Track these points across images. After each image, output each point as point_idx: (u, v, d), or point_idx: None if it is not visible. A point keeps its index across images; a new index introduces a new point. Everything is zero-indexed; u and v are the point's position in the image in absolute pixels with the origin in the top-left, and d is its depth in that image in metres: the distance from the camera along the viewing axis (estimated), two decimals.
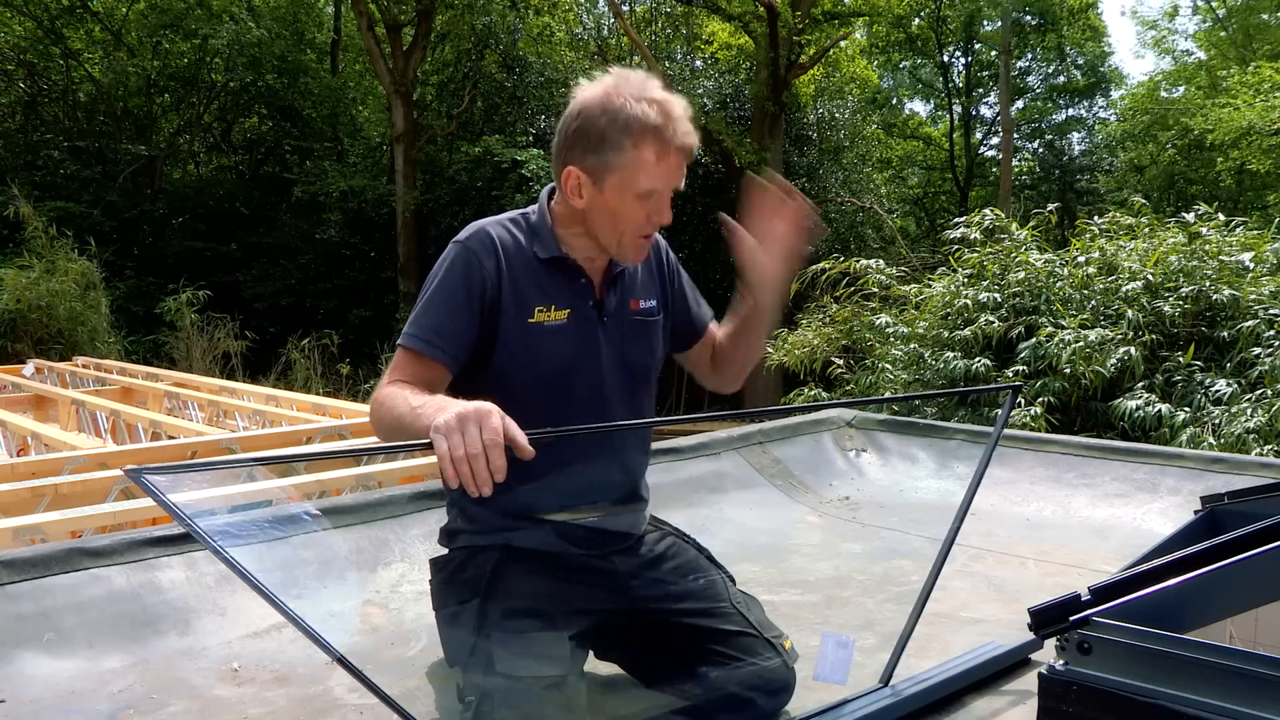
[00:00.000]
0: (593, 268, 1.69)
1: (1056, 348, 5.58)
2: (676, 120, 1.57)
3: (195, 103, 17.96)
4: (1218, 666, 1.18)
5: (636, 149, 1.55)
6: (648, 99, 1.56)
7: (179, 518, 1.06)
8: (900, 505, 3.33)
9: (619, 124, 1.54)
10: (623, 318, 1.72)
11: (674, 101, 1.58)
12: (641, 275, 1.77)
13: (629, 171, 1.56)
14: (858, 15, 17.09)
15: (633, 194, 1.57)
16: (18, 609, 1.95)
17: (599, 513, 1.69)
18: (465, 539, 1.69)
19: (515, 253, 1.64)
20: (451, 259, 1.63)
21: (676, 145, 1.57)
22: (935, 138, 26.69)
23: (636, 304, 1.74)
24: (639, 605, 1.69)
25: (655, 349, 1.78)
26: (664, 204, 1.61)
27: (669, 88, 1.62)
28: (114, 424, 5.24)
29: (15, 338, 11.34)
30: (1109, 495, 3.21)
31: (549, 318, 1.63)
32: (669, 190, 1.61)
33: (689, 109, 1.62)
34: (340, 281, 17.19)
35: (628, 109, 1.55)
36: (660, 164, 1.56)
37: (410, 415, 1.40)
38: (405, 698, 1.80)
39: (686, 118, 1.59)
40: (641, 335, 1.75)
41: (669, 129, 1.55)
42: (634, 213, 1.59)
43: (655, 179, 1.57)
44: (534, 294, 1.63)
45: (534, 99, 17.31)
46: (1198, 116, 16.82)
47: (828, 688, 1.68)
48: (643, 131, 1.54)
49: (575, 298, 1.66)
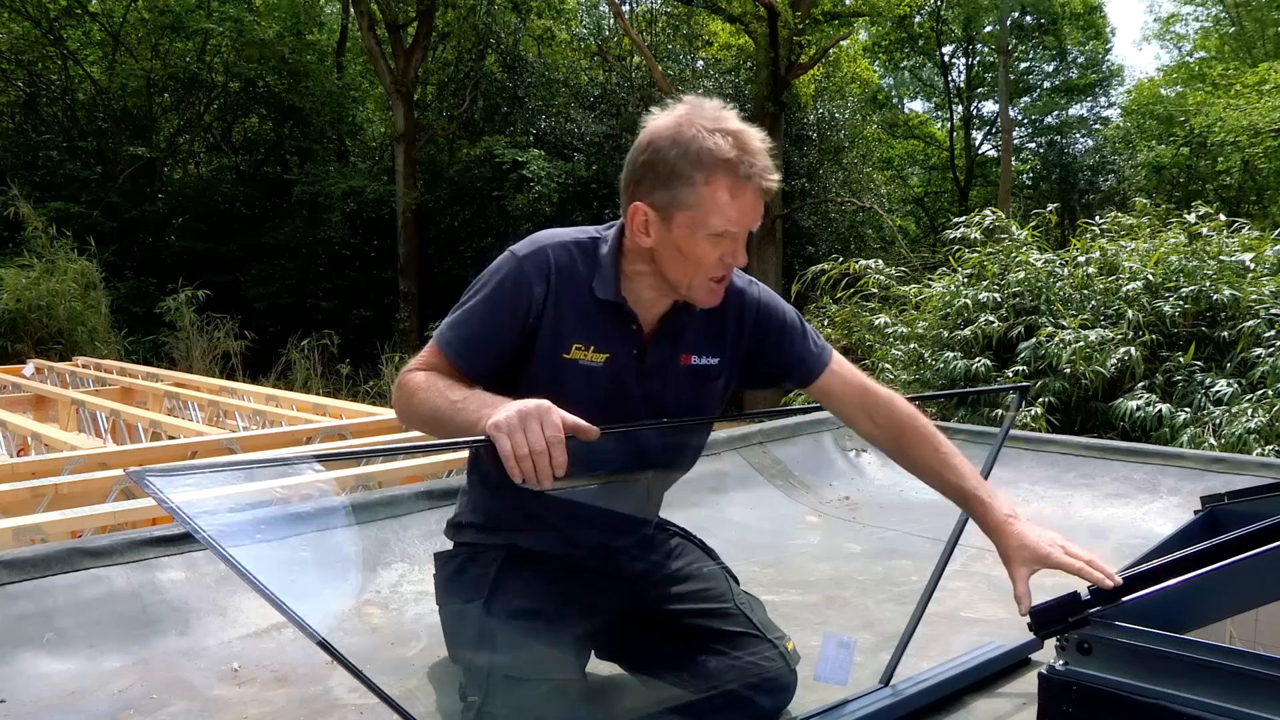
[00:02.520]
0: (649, 314, 1.59)
1: (1057, 348, 5.58)
2: (754, 155, 1.44)
3: (195, 103, 17.94)
4: (1218, 666, 1.18)
5: (709, 185, 1.43)
6: (723, 130, 1.44)
7: (180, 518, 1.06)
8: (900, 505, 3.33)
9: (690, 157, 1.43)
10: (667, 371, 1.61)
11: (751, 134, 1.46)
12: (706, 329, 1.64)
13: (700, 210, 1.44)
14: (858, 15, 17.05)
15: (704, 233, 1.46)
16: (18, 609, 1.96)
17: (609, 503, 1.67)
18: (472, 534, 1.69)
19: (570, 282, 1.54)
20: (505, 273, 1.54)
21: (754, 184, 1.45)
22: (936, 137, 26.69)
23: (688, 359, 1.63)
24: (644, 606, 1.69)
25: (703, 405, 1.67)
26: (739, 245, 1.50)
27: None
28: (114, 424, 5.24)
29: (15, 338, 11.34)
30: (1109, 495, 3.22)
31: (585, 357, 1.55)
32: (744, 231, 1.48)
33: (768, 141, 1.49)
34: (340, 281, 17.19)
35: (700, 140, 1.43)
36: (735, 203, 1.44)
37: (450, 409, 1.39)
38: (405, 698, 1.80)
39: (765, 151, 1.46)
40: (687, 389, 1.64)
41: (745, 164, 1.43)
42: (705, 254, 1.48)
43: (729, 218, 1.45)
44: (576, 330, 1.54)
45: (535, 99, 17.31)
46: (1199, 115, 16.83)
47: (828, 688, 1.68)
48: (715, 166, 1.42)
49: (620, 343, 1.57)
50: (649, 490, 1.74)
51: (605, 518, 1.66)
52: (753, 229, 1.50)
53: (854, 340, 7.63)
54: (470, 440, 1.35)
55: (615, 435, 1.48)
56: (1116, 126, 23.74)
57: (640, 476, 1.67)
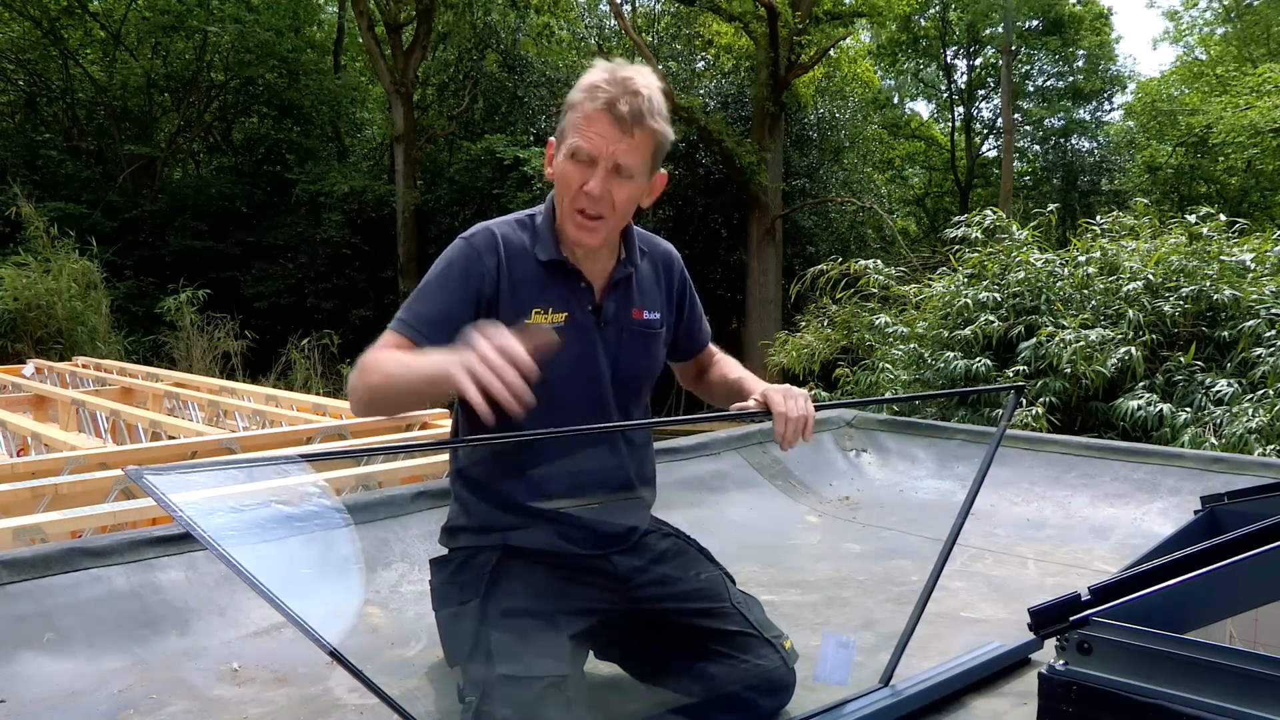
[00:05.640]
0: (594, 270, 1.68)
1: (1057, 348, 5.58)
2: (618, 83, 1.53)
3: (195, 102, 17.96)
4: (1218, 666, 1.18)
5: (575, 109, 1.56)
6: (610, 69, 1.55)
7: (180, 518, 1.06)
8: (900, 505, 3.33)
9: (576, 89, 1.57)
10: (622, 324, 1.70)
11: (635, 78, 1.55)
12: (648, 286, 1.76)
13: (568, 130, 1.57)
14: (858, 15, 17.05)
15: (565, 151, 1.57)
16: (18, 609, 1.95)
17: (598, 500, 1.69)
18: (466, 538, 1.69)
19: (518, 253, 1.64)
20: (453, 253, 1.64)
21: (604, 104, 1.52)
22: (937, 138, 26.68)
23: (639, 313, 1.73)
24: (639, 605, 1.69)
25: (654, 359, 1.78)
26: (598, 176, 1.55)
27: (666, 83, 1.61)
28: (114, 424, 5.24)
29: (15, 338, 11.34)
30: (1109, 495, 3.21)
31: (546, 319, 1.62)
32: (601, 158, 1.54)
33: (657, 91, 1.57)
34: (340, 281, 17.20)
35: (587, 76, 1.56)
36: (587, 123, 1.54)
37: (401, 367, 1.45)
38: (405, 698, 1.80)
39: (642, 93, 1.54)
40: (640, 344, 1.73)
41: (603, 90, 1.52)
42: (567, 173, 1.57)
43: (582, 136, 1.54)
44: (532, 296, 1.62)
45: (535, 98, 17.31)
46: (1199, 115, 16.84)
47: (828, 688, 1.68)
48: (582, 89, 1.55)
49: (573, 301, 1.65)
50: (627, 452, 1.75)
51: (596, 510, 1.67)
52: (618, 163, 1.54)
53: (854, 340, 7.63)
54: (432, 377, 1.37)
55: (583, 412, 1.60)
56: (1120, 128, 23.74)
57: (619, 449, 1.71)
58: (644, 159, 1.58)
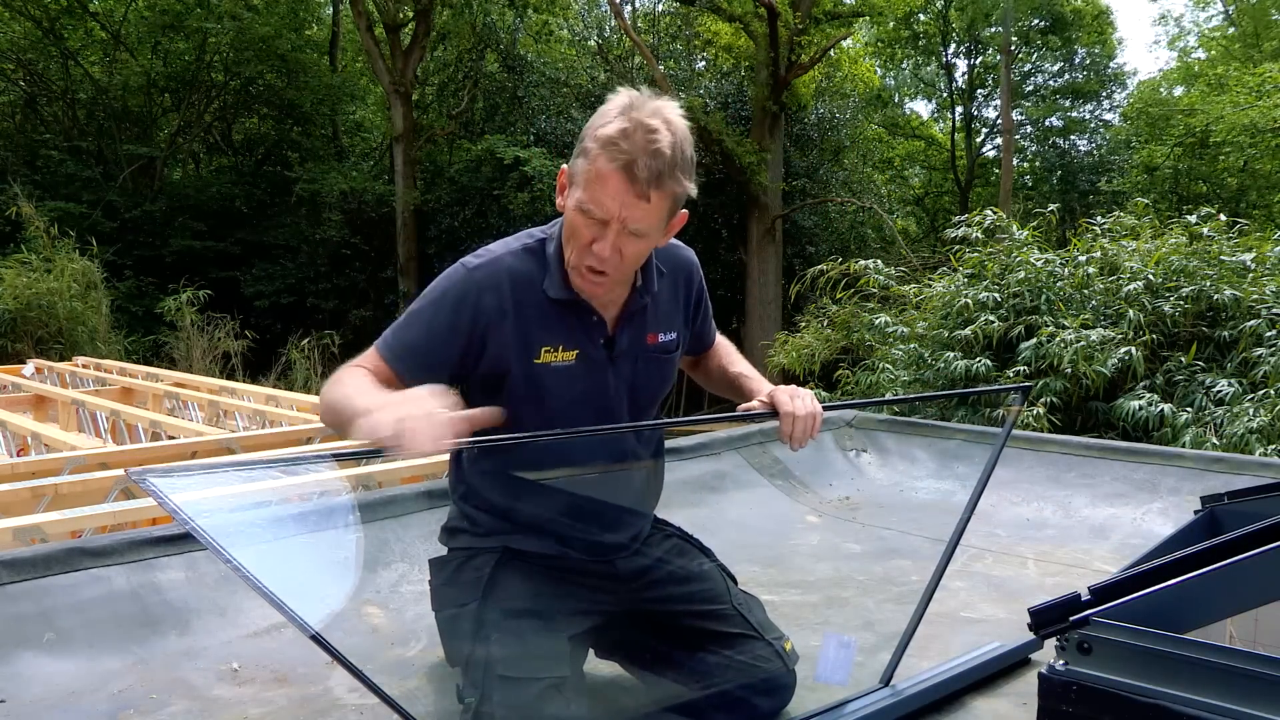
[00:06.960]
0: (607, 302, 1.60)
1: (1057, 347, 5.58)
2: (639, 139, 1.41)
3: (195, 102, 17.95)
4: (1218, 666, 1.18)
5: (588, 158, 1.45)
6: (633, 118, 1.43)
7: (180, 518, 1.06)
8: (900, 505, 3.33)
9: (592, 130, 1.47)
10: (636, 353, 1.64)
11: (659, 132, 1.42)
12: (666, 308, 1.69)
13: (579, 178, 1.48)
14: (858, 15, 17.05)
15: (574, 202, 1.48)
16: (18, 609, 1.95)
17: (603, 514, 1.68)
18: (466, 539, 1.69)
19: (526, 288, 1.56)
20: (452, 283, 1.55)
21: (621, 166, 1.41)
22: (937, 138, 26.68)
23: (655, 338, 1.66)
24: (640, 606, 1.68)
25: (667, 380, 1.73)
26: (607, 237, 1.46)
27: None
28: (114, 424, 5.24)
29: (15, 338, 11.33)
30: (1109, 495, 3.21)
31: (556, 358, 1.56)
32: (613, 220, 1.45)
33: (683, 138, 1.47)
34: (340, 281, 17.19)
35: (603, 117, 1.46)
36: (597, 179, 1.43)
37: (344, 400, 1.37)
38: (405, 698, 1.80)
39: (665, 154, 1.42)
40: (655, 368, 1.68)
41: (622, 150, 1.41)
42: (576, 225, 1.49)
43: (590, 195, 1.45)
44: (542, 334, 1.56)
45: (535, 98, 17.30)
46: (1198, 116, 16.83)
47: (828, 688, 1.68)
48: (600, 140, 1.44)
49: (584, 338, 1.59)
50: (648, 480, 1.75)
51: (594, 516, 1.66)
52: (626, 223, 1.45)
53: (854, 340, 7.62)
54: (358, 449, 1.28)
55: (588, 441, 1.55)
56: (1120, 128, 23.73)
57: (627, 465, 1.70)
58: (659, 219, 1.49)
